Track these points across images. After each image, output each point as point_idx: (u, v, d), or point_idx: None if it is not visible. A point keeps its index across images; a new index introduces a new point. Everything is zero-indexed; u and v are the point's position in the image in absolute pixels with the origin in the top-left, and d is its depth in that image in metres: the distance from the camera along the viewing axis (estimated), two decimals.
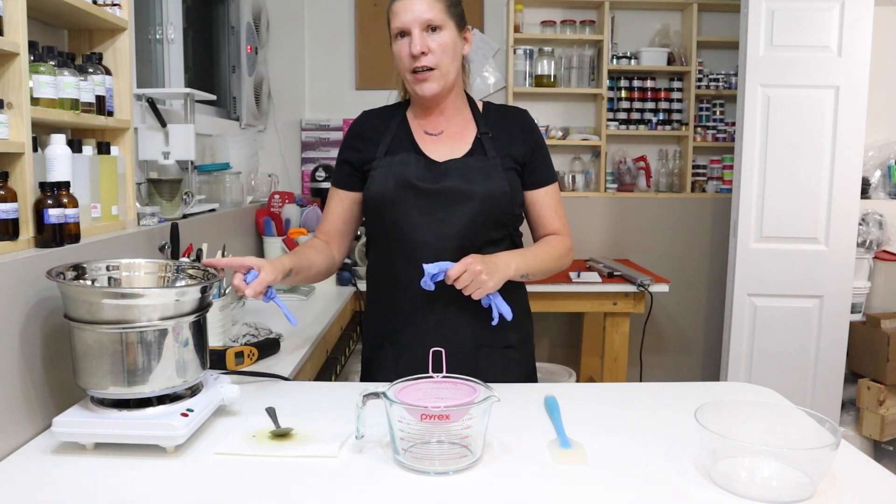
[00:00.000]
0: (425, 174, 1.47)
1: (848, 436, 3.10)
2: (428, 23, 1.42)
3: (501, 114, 1.58)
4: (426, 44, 1.42)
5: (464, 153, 1.50)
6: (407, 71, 1.46)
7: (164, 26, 2.58)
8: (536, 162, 1.54)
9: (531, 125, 1.57)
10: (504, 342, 1.55)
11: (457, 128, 1.54)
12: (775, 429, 1.06)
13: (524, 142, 1.54)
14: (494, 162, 1.49)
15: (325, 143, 3.54)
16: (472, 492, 0.99)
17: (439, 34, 1.44)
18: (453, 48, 1.46)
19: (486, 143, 1.51)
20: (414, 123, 1.56)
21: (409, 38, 1.43)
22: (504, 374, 1.52)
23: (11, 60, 1.26)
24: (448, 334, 1.48)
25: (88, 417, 1.11)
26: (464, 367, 1.40)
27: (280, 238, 2.73)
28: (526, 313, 1.63)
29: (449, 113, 1.54)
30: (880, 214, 3.27)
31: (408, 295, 1.49)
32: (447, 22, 1.44)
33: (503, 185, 1.47)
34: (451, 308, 1.49)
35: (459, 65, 1.51)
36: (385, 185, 1.48)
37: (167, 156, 2.00)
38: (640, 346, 3.19)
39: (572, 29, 3.60)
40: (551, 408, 1.28)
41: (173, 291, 1.18)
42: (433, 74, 1.44)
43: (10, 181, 1.26)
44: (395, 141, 1.53)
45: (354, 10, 3.59)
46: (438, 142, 1.53)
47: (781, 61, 2.96)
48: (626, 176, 3.71)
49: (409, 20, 1.42)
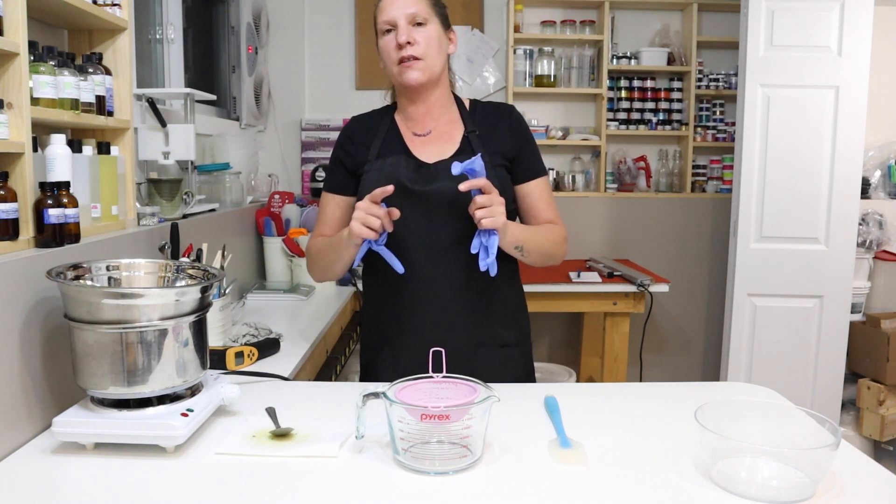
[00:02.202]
0: (416, 176, 1.48)
1: (848, 436, 3.10)
2: (413, 17, 1.46)
3: (488, 111, 1.58)
4: (412, 35, 1.46)
5: (452, 153, 1.51)
6: (394, 63, 1.48)
7: (164, 26, 2.58)
8: (525, 155, 1.55)
9: (518, 120, 1.58)
10: (501, 341, 1.55)
11: (444, 127, 1.55)
12: (775, 429, 1.06)
13: (512, 137, 1.54)
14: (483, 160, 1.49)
15: (325, 143, 3.54)
16: (472, 492, 0.99)
17: (425, 28, 1.47)
18: (438, 42, 1.49)
19: (473, 142, 1.52)
20: (402, 125, 1.57)
21: (396, 32, 1.47)
22: (502, 372, 1.52)
23: (11, 60, 1.26)
24: (445, 334, 1.48)
25: (88, 417, 1.11)
26: (462, 367, 1.40)
27: (280, 238, 2.73)
28: (522, 311, 1.63)
29: (436, 112, 1.55)
30: (880, 214, 3.27)
31: (404, 296, 1.49)
32: (432, 18, 1.49)
33: (493, 183, 1.47)
34: (448, 308, 1.49)
35: (445, 61, 1.54)
36: (377, 187, 1.48)
37: (167, 156, 1.99)
38: (640, 346, 3.19)
39: (572, 29, 3.60)
40: (551, 408, 1.28)
41: (173, 291, 1.17)
42: (419, 64, 1.47)
43: (10, 181, 1.26)
44: (385, 144, 1.54)
45: (354, 10, 3.59)
46: (427, 142, 1.54)
47: (781, 61, 2.96)
48: (626, 176, 3.72)
49: (396, 14, 1.46)
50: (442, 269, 1.48)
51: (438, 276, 1.47)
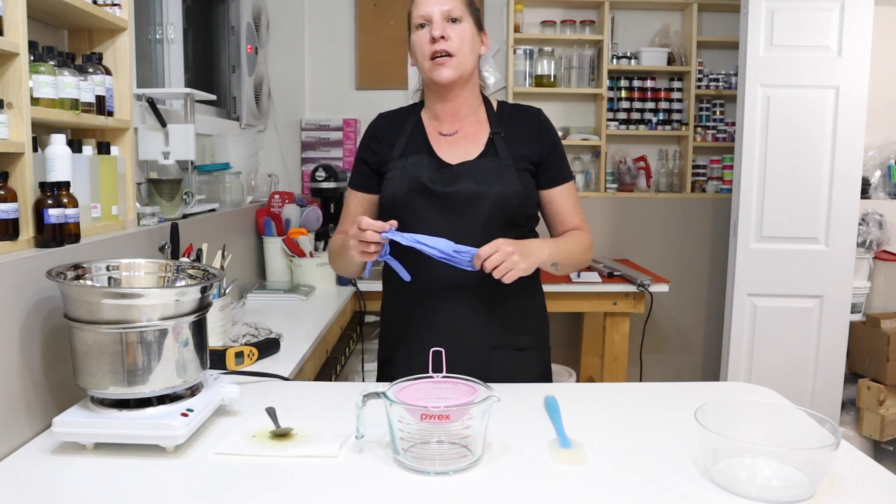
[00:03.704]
0: (438, 176, 1.48)
1: (848, 436, 3.10)
2: (448, 13, 1.46)
3: (515, 114, 1.58)
4: (446, 30, 1.46)
5: (476, 155, 1.51)
6: (426, 58, 1.48)
7: (164, 26, 2.58)
8: (551, 161, 1.54)
9: (546, 124, 1.57)
10: (517, 344, 1.55)
11: (470, 128, 1.55)
12: (775, 429, 1.06)
13: (539, 141, 1.54)
14: (507, 163, 1.49)
15: (325, 143, 3.54)
16: (472, 492, 0.99)
17: (459, 25, 1.47)
18: (471, 41, 1.49)
19: (498, 144, 1.51)
20: (428, 124, 1.57)
21: (430, 27, 1.46)
22: (517, 375, 1.52)
23: (11, 60, 1.26)
24: (461, 335, 1.49)
25: (88, 417, 1.11)
26: (477, 369, 1.40)
27: (280, 238, 2.73)
28: (542, 317, 1.62)
29: (463, 112, 1.55)
30: (880, 214, 3.27)
31: (422, 296, 1.50)
32: (466, 17, 1.49)
33: (516, 186, 1.47)
34: (464, 309, 1.49)
35: (476, 60, 1.54)
36: (399, 187, 1.49)
37: (167, 156, 2.00)
38: (640, 346, 3.19)
39: (572, 29, 3.60)
40: (551, 408, 1.28)
41: (173, 291, 1.18)
42: (451, 61, 1.46)
43: (10, 181, 1.26)
44: (409, 143, 1.54)
45: (354, 10, 3.59)
46: (452, 143, 1.53)
47: (781, 61, 2.96)
48: (626, 176, 3.72)
49: (431, 9, 1.46)
50: (460, 269, 1.48)
51: (456, 276, 1.47)
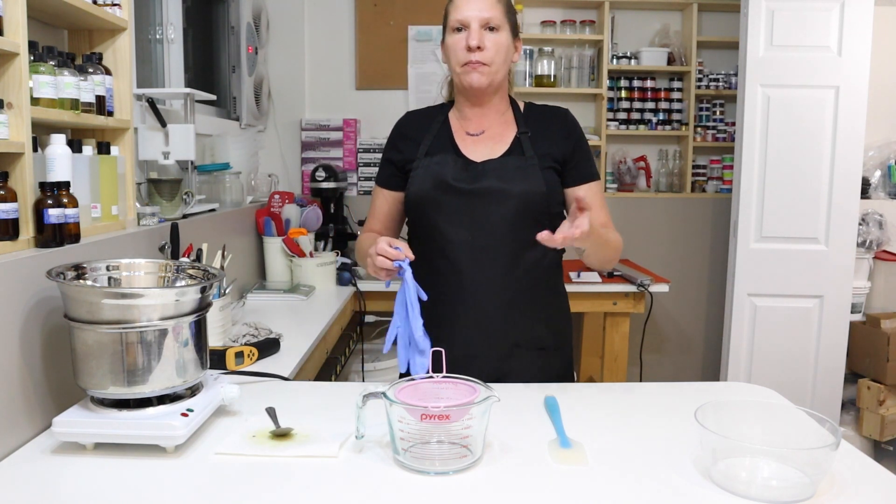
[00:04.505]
0: (463, 174, 1.48)
1: (848, 436, 3.10)
2: (487, 21, 1.45)
3: (542, 113, 1.58)
4: (483, 39, 1.45)
5: (502, 153, 1.51)
6: (459, 63, 1.48)
7: (164, 26, 2.58)
8: (577, 159, 1.54)
9: (572, 123, 1.57)
10: (539, 343, 1.54)
11: (498, 128, 1.55)
12: (775, 429, 1.06)
13: (565, 140, 1.53)
14: (532, 161, 1.49)
15: (325, 143, 3.54)
16: (472, 492, 0.99)
17: (496, 34, 1.46)
18: (506, 50, 1.49)
19: (524, 143, 1.51)
20: (455, 123, 1.57)
21: (467, 33, 1.45)
22: (538, 374, 1.52)
23: (11, 60, 1.26)
24: (484, 333, 1.49)
25: (88, 417, 1.11)
26: (497, 366, 1.40)
27: (280, 238, 2.73)
28: (565, 317, 1.62)
29: (491, 116, 1.55)
30: (880, 214, 3.27)
31: (445, 292, 1.49)
32: (504, 25, 1.48)
33: (540, 185, 1.47)
34: (487, 306, 1.49)
35: (508, 69, 1.53)
36: (423, 185, 1.50)
37: (167, 156, 2.00)
38: (640, 346, 3.19)
39: (572, 29, 3.60)
40: (551, 408, 1.28)
41: (173, 291, 1.17)
42: (484, 69, 1.46)
43: (10, 181, 1.26)
44: (435, 141, 1.54)
45: (354, 10, 3.59)
46: (478, 142, 1.54)
47: (781, 61, 2.96)
48: (626, 176, 3.71)
49: (470, 15, 1.45)
50: (483, 266, 1.48)
51: (479, 273, 1.47)
